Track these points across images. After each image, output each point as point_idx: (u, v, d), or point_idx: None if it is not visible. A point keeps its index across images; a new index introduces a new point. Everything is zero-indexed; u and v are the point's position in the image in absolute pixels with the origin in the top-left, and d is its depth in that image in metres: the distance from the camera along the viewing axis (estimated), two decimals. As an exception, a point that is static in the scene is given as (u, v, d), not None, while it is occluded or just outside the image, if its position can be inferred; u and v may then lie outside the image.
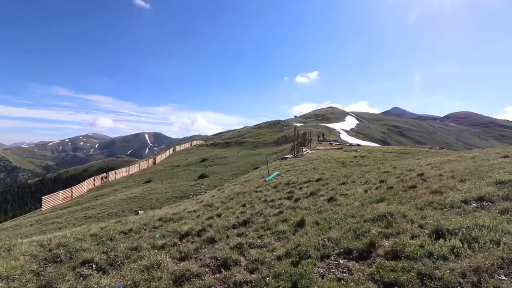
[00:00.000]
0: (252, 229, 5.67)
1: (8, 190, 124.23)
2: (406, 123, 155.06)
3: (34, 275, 4.26)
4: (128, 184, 29.33)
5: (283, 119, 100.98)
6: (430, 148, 28.93)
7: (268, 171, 14.14)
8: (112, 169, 47.74)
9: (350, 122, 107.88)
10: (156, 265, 4.41)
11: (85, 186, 30.61)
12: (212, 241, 5.31)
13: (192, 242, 5.39)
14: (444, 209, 4.67)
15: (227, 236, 5.44)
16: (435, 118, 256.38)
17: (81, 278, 4.19)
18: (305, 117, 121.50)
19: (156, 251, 5.04)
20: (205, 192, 16.57)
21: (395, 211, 4.87)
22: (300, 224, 5.49)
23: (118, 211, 14.30)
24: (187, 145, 71.28)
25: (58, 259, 4.78)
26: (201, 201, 9.68)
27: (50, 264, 4.64)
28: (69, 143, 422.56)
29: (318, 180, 9.79)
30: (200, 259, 4.60)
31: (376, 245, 3.89)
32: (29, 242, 5.73)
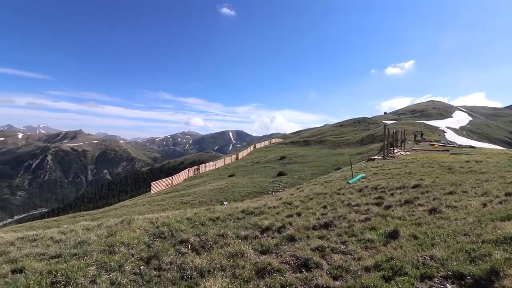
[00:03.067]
0: (335, 233, 5.35)
1: (128, 176, 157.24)
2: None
3: (146, 246, 5.18)
4: (215, 176, 32.57)
5: (369, 116, 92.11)
6: None
7: (352, 172, 13.12)
8: (202, 162, 54.16)
9: (460, 119, 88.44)
10: (240, 254, 4.68)
11: (181, 176, 35.71)
12: (292, 239, 5.27)
13: (272, 238, 5.48)
14: None
15: (307, 237, 5.30)
16: None
17: (180, 255, 4.83)
18: (398, 114, 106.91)
19: (240, 241, 5.35)
20: (284, 190, 16.74)
21: (531, 234, 3.70)
22: (393, 235, 4.83)
23: (207, 200, 16.05)
24: (266, 142, 73.89)
25: (163, 236, 5.67)
26: (280, 198, 9.80)
27: (157, 239, 5.54)
28: (170, 139, 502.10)
29: (415, 186, 8.45)
30: (281, 255, 4.62)
31: (501, 273, 3.04)
32: (143, 219, 7.02)
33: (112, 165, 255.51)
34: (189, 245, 5.21)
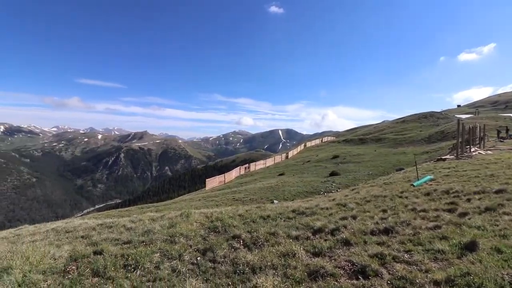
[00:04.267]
0: (396, 241, 4.85)
1: (186, 172, 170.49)
2: None
3: (202, 239, 5.49)
4: (265, 175, 32.95)
5: (438, 110, 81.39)
6: None
7: (417, 174, 11.78)
8: (252, 161, 55.40)
9: None
10: (291, 254, 4.60)
11: (233, 173, 37.12)
12: (346, 243, 4.97)
13: (325, 240, 5.26)
14: None
15: (364, 242, 4.93)
16: None
17: (232, 249, 4.99)
18: (475, 106, 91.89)
19: (291, 240, 5.27)
20: (337, 191, 15.98)
21: None
22: (470, 247, 4.16)
23: (257, 197, 16.32)
24: (317, 141, 71.65)
25: (217, 230, 5.94)
26: (333, 199, 9.36)
27: (211, 233, 5.83)
28: (223, 138, 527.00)
29: (498, 191, 7.13)
30: (334, 259, 4.40)
31: None
32: (199, 213, 7.48)
33: (172, 162, 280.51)
34: (241, 241, 5.34)
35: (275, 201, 13.63)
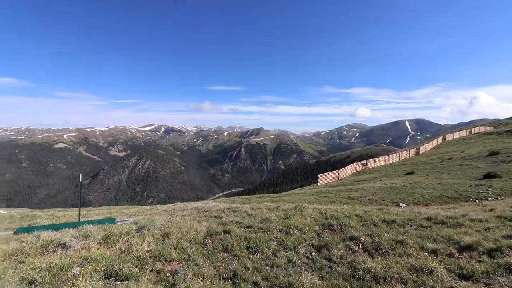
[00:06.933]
0: None
1: (298, 167, 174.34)
2: None
3: (316, 234, 5.39)
4: (387, 173, 29.08)
5: None
6: None
7: None
8: (371, 156, 50.01)
9: None
10: (427, 270, 3.79)
11: (348, 170, 34.79)
12: (515, 271, 3.62)
13: (478, 261, 4.03)
14: None
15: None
16: None
17: (350, 251, 4.63)
18: None
19: (426, 254, 4.36)
20: (496, 199, 12.02)
21: None
22: None
23: (378, 198, 14.57)
24: (463, 132, 56.37)
25: (332, 228, 5.67)
26: (490, 210, 7.07)
27: (326, 230, 5.62)
28: (335, 132, 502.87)
29: None
30: (495, 289, 3.28)
31: None
32: (312, 208, 7.40)
33: (285, 157, 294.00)
34: (359, 244, 4.87)
35: (401, 204, 11.74)
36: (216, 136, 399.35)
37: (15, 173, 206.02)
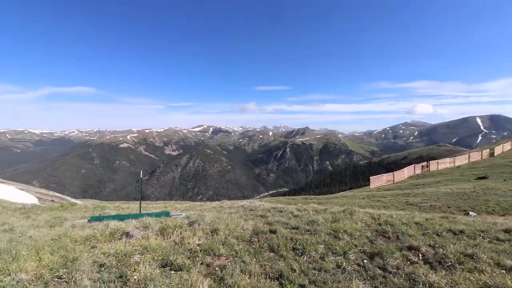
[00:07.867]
0: None
1: (347, 168, 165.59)
2: None
3: (368, 241, 5.03)
4: (453, 177, 25.75)
5: None
6: None
7: None
8: (433, 158, 44.79)
9: None
10: (507, 292, 3.23)
11: (405, 172, 31.77)
12: None
13: None
14: None
15: None
16: None
17: (408, 262, 4.21)
18: None
19: (504, 272, 3.73)
20: None
21: None
22: None
23: (441, 205, 12.98)
24: (553, 132, 46.85)
25: (386, 235, 5.24)
26: None
27: (379, 237, 5.21)
28: (390, 131, 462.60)
29: None
30: None
31: None
32: (363, 212, 6.94)
33: (332, 157, 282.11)
34: (419, 255, 4.39)
35: (471, 213, 10.27)
36: (261, 136, 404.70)
37: (89, 169, 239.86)
